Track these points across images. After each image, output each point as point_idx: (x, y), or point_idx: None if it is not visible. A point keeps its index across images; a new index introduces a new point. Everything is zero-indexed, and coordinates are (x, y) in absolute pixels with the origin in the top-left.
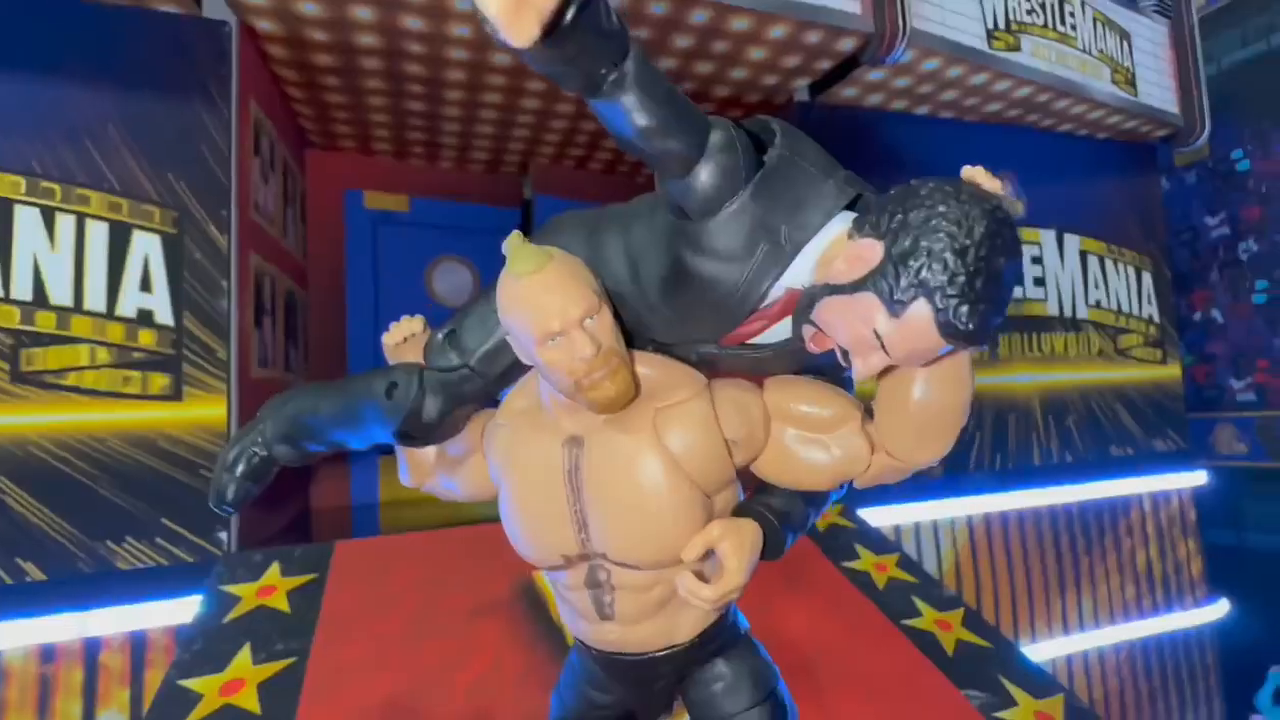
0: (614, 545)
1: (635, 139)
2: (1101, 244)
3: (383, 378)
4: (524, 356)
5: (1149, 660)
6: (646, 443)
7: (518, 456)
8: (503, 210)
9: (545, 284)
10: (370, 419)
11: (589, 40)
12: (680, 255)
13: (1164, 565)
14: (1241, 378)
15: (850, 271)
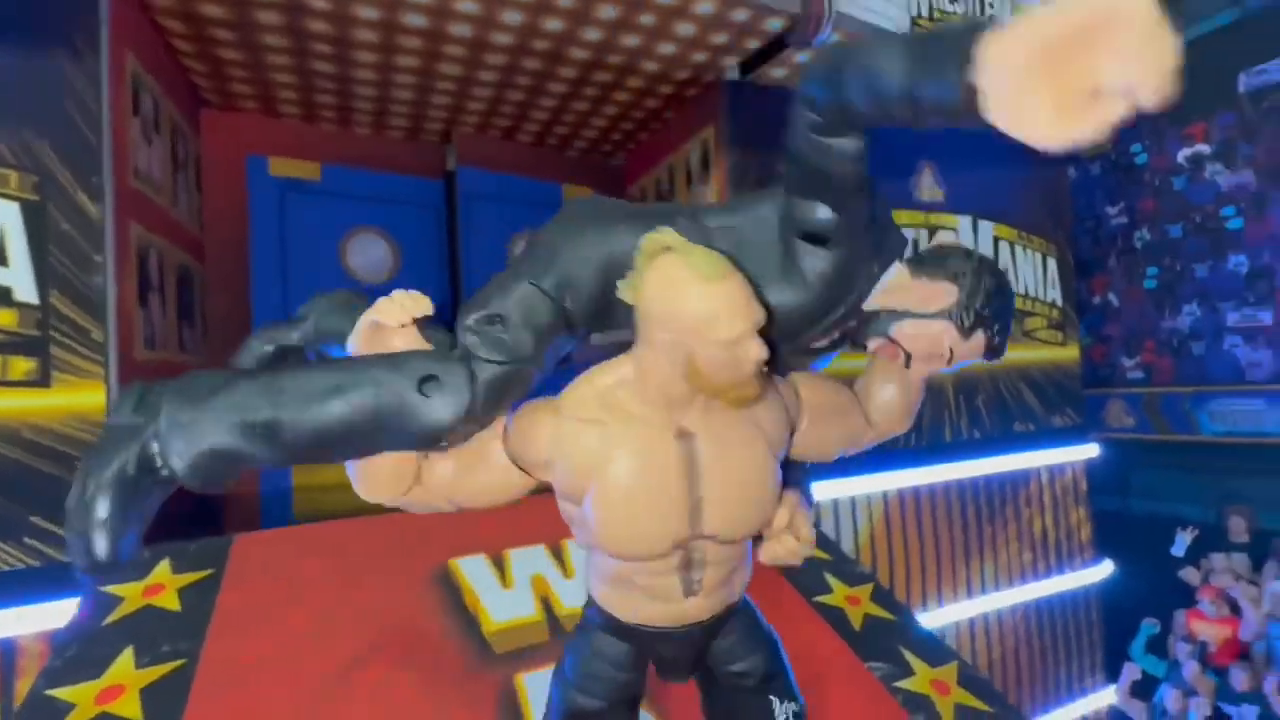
0: (727, 525)
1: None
2: (1013, 230)
3: (405, 368)
4: (668, 351)
5: (1040, 619)
6: (755, 431)
7: (621, 454)
8: (423, 180)
9: (731, 292)
10: (391, 425)
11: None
12: (801, 268)
13: (1057, 531)
14: (1132, 357)
15: (928, 305)
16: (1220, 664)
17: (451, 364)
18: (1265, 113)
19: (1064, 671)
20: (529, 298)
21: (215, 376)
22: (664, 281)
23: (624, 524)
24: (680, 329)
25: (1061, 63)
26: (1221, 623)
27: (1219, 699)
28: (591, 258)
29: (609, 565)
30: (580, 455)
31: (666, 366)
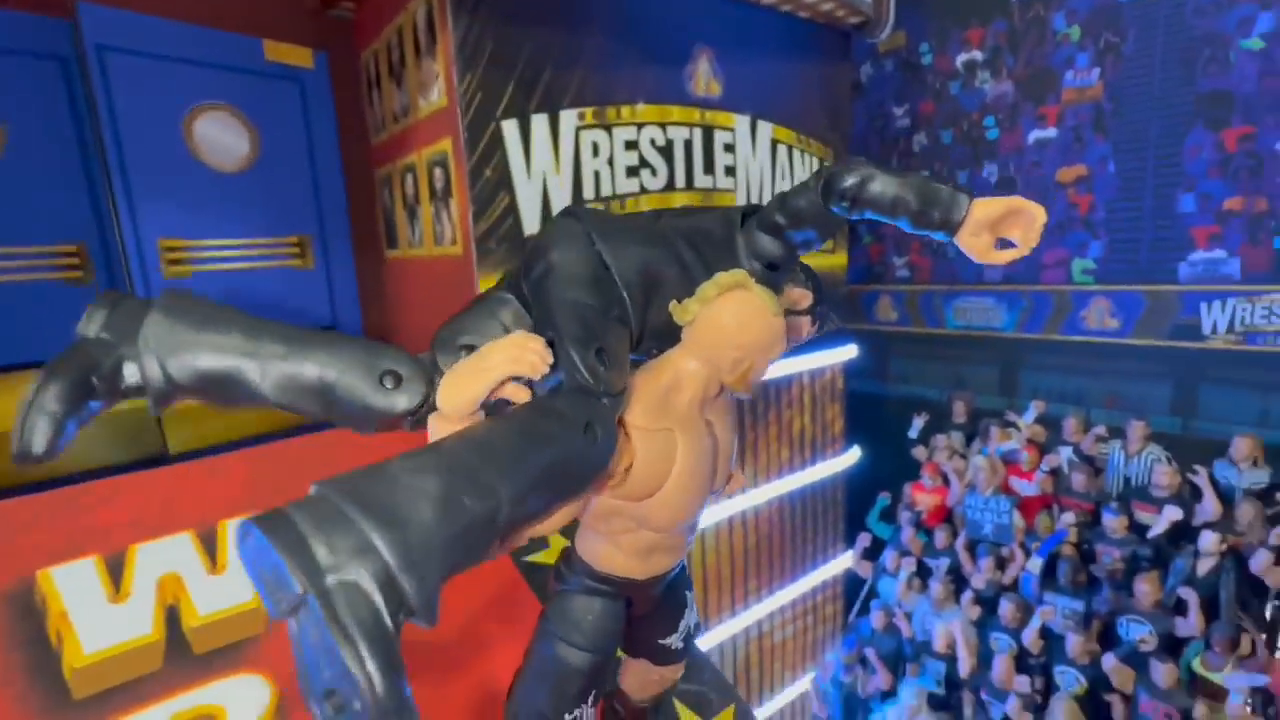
0: (721, 482)
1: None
2: (792, 133)
3: (570, 419)
4: (729, 363)
5: (794, 506)
6: (732, 406)
7: (690, 444)
8: (41, 18)
9: (783, 323)
10: (572, 476)
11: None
12: (760, 278)
13: (814, 428)
14: (902, 256)
15: (800, 304)
16: (930, 526)
17: (590, 404)
18: (1029, 23)
19: (811, 546)
20: (612, 324)
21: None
22: (744, 310)
23: (686, 504)
24: (750, 347)
25: (1000, 220)
26: (935, 492)
27: (925, 555)
28: (636, 273)
29: (644, 538)
30: (659, 459)
31: (719, 374)
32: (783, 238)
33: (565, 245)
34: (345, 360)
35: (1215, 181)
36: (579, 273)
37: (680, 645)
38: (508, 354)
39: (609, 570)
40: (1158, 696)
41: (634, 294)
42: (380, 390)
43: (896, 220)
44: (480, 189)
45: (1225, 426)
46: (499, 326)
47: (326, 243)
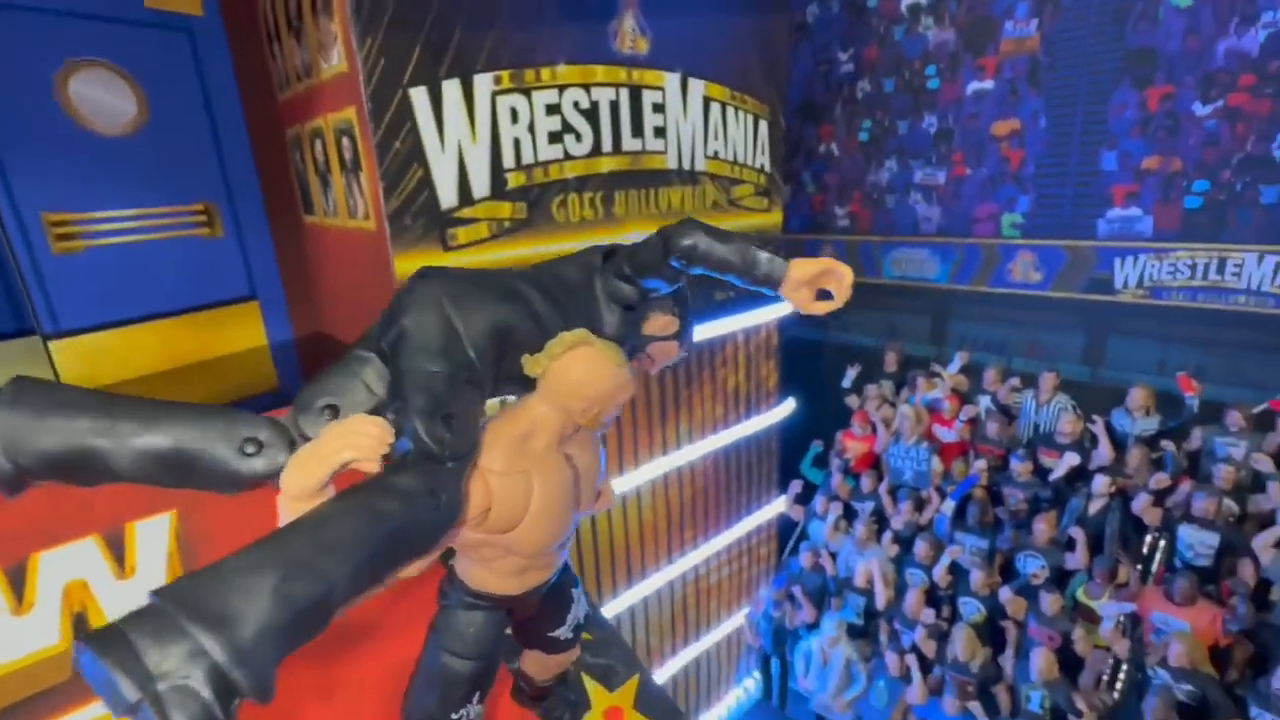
0: (587, 506)
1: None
2: (725, 90)
3: (411, 493)
4: (579, 410)
5: (729, 459)
6: (594, 439)
7: (545, 490)
8: None
9: (628, 372)
10: (415, 542)
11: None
12: (616, 320)
13: (749, 384)
14: (843, 206)
15: (667, 330)
16: (858, 472)
17: (433, 474)
18: None
19: (745, 496)
20: (461, 388)
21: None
22: (588, 366)
23: (548, 533)
24: (597, 398)
25: (815, 278)
26: (864, 440)
27: (852, 499)
28: (485, 333)
29: (513, 562)
30: (517, 501)
31: (572, 420)
32: (634, 284)
33: (418, 311)
34: (204, 430)
35: (1136, 140)
36: (429, 339)
37: (570, 635)
38: (343, 441)
39: (485, 589)
40: (1044, 623)
41: (483, 354)
42: (242, 457)
43: (726, 277)
44: (391, 162)
45: (1129, 375)
46: (361, 387)
47: (236, 209)
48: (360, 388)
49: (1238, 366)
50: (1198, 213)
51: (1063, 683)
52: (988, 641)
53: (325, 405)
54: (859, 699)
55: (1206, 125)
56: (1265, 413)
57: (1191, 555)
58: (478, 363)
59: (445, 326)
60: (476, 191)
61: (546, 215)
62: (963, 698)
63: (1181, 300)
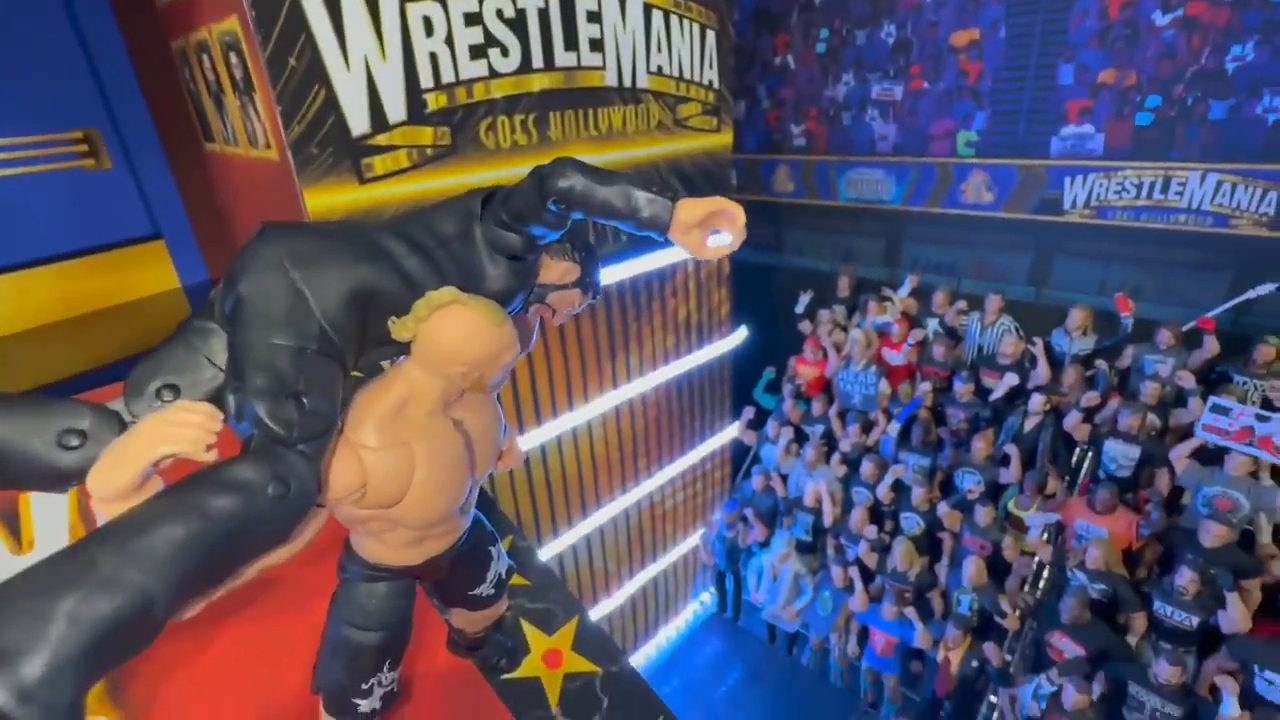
0: (484, 471)
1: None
2: None
3: (250, 486)
4: (459, 376)
5: (681, 389)
6: (488, 399)
7: (429, 460)
8: None
9: (510, 329)
10: (261, 537)
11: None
12: (502, 270)
13: (700, 314)
14: (799, 124)
15: (567, 278)
16: (809, 396)
17: (280, 460)
18: None
19: (699, 424)
20: (310, 361)
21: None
22: (461, 327)
23: (439, 503)
24: (476, 361)
25: (705, 221)
26: (816, 365)
27: (803, 423)
28: (340, 297)
29: (405, 534)
30: (395, 476)
31: (454, 384)
32: (519, 232)
33: (255, 275)
34: (13, 424)
35: (1095, 51)
36: (270, 308)
37: (492, 591)
38: (161, 433)
39: (382, 561)
40: (977, 533)
41: (338, 323)
42: (60, 451)
43: (610, 221)
44: (286, 82)
45: (1071, 295)
46: (204, 363)
47: (123, 136)
48: (203, 364)
49: (1173, 285)
50: (1148, 129)
51: (990, 587)
52: (925, 552)
53: (163, 385)
54: (806, 609)
55: (1164, 36)
56: (1194, 330)
57: (1115, 468)
58: (331, 332)
59: (289, 292)
60: (392, 115)
61: (474, 141)
62: (900, 604)
63: (1125, 220)
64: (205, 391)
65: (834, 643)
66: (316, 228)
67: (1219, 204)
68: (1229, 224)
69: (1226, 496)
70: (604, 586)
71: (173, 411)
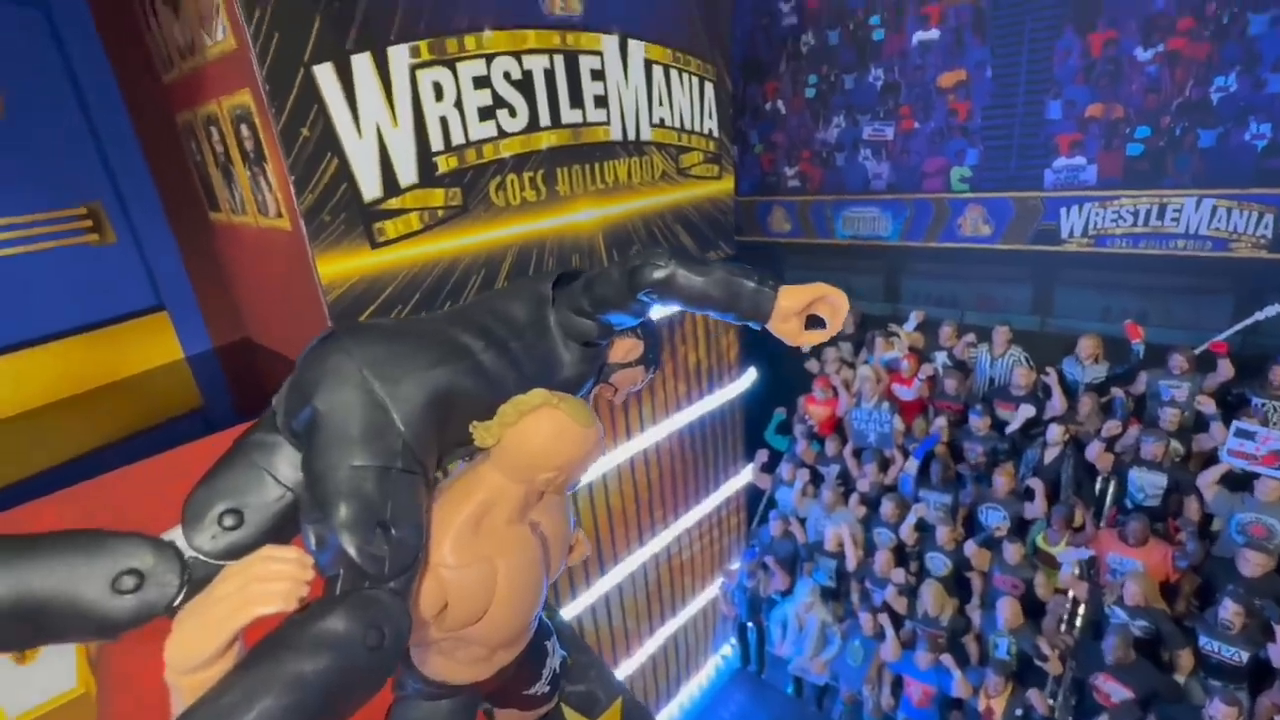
0: (555, 571)
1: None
2: (667, 51)
3: (345, 641)
4: (544, 480)
5: (694, 435)
6: (564, 506)
7: (510, 574)
8: None
9: (598, 431)
10: (358, 691)
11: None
12: (576, 358)
13: (710, 359)
14: (792, 166)
15: (630, 355)
16: (822, 436)
17: (375, 605)
18: None
19: (712, 469)
20: (395, 483)
21: None
22: (552, 431)
23: (520, 614)
24: (566, 465)
25: (805, 309)
26: (826, 404)
27: (818, 464)
28: (421, 406)
29: (477, 649)
30: (477, 594)
31: (536, 489)
32: (595, 320)
33: (332, 389)
34: (61, 571)
35: (1080, 88)
36: (350, 426)
37: (547, 689)
38: (249, 592)
39: (448, 680)
40: (1007, 571)
41: (421, 433)
42: (116, 596)
43: (702, 310)
44: (299, 152)
45: (1076, 323)
46: (268, 481)
47: (127, 209)
48: (267, 482)
49: (1177, 310)
50: (1139, 159)
51: (1027, 628)
52: (955, 594)
53: (225, 511)
54: (835, 659)
55: (1148, 70)
56: (1206, 354)
57: (1142, 497)
58: (415, 446)
59: (370, 406)
60: (403, 179)
61: (484, 200)
62: (934, 650)
63: (1124, 248)
64: (273, 514)
65: (867, 695)
66: (388, 327)
67: (1216, 228)
68: (1228, 247)
69: (1260, 523)
70: (624, 646)
71: (259, 564)
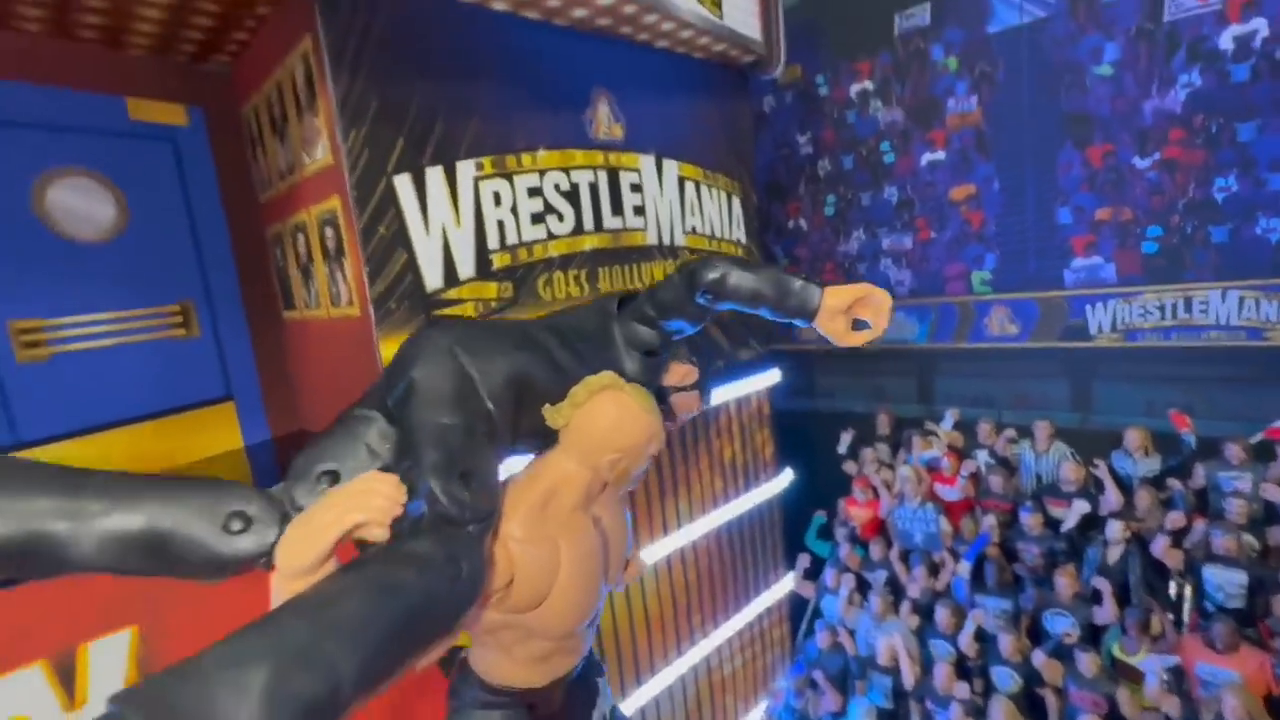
0: (615, 576)
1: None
2: (698, 170)
3: (430, 560)
4: (608, 465)
5: (732, 535)
6: (623, 497)
7: (572, 557)
8: None
9: (659, 419)
10: (436, 621)
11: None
12: (639, 367)
13: (745, 455)
14: (817, 276)
15: (687, 380)
16: (865, 540)
17: (456, 542)
18: (911, 54)
19: (752, 574)
20: (478, 443)
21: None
22: (617, 412)
23: (577, 608)
24: (628, 448)
25: (850, 307)
26: (867, 506)
27: (863, 569)
28: (503, 381)
29: (537, 646)
30: (544, 572)
31: (600, 475)
32: (656, 327)
33: (428, 361)
34: (181, 506)
35: (1086, 195)
36: (442, 390)
37: None
38: (352, 502)
39: (506, 682)
40: (1085, 686)
41: (502, 405)
42: (225, 535)
43: (757, 310)
44: (374, 247)
45: (1118, 419)
46: (363, 449)
47: (214, 308)
48: (363, 450)
49: (1222, 400)
50: (1156, 256)
51: None
52: (1028, 712)
53: (323, 472)
54: None
55: (1148, 176)
56: (1263, 443)
57: (1222, 597)
58: (496, 415)
59: (459, 375)
60: (462, 273)
61: (532, 293)
62: None
63: (1156, 340)
64: None
65: None
66: (478, 321)
67: (1248, 318)
68: (1263, 336)
69: None
70: None
71: (360, 482)
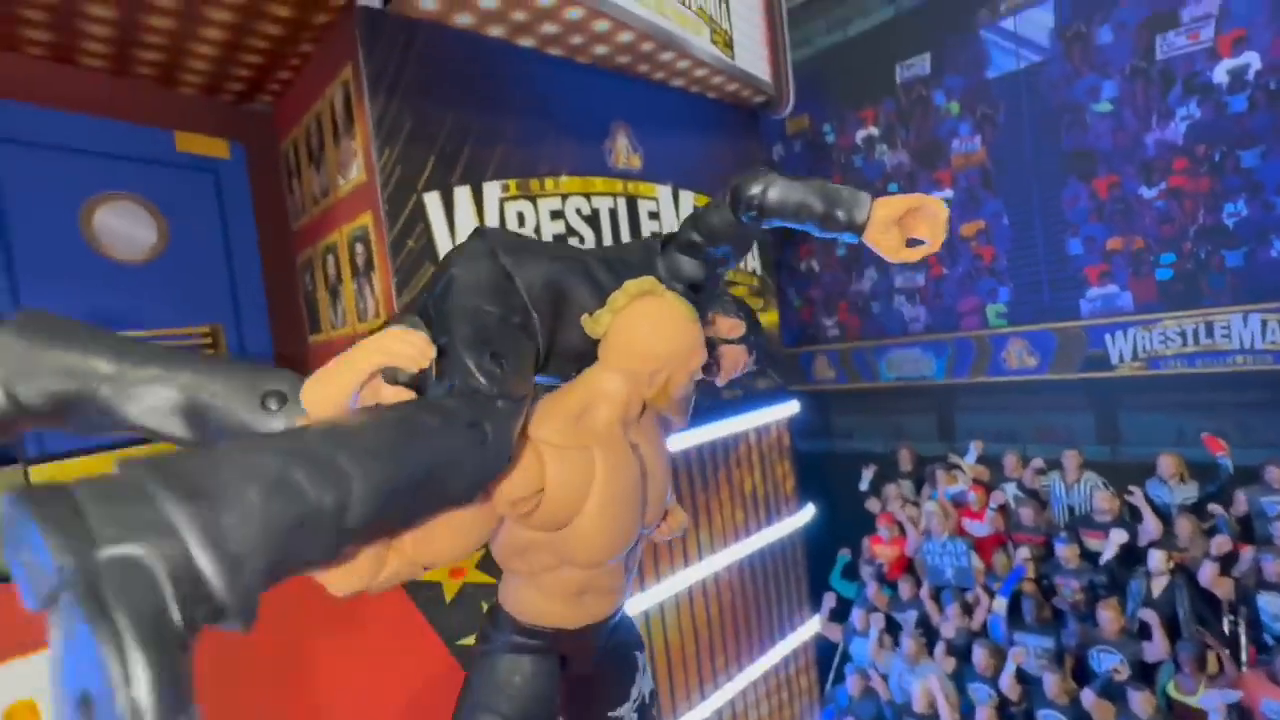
0: (655, 513)
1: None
2: None
3: (454, 413)
4: (647, 377)
5: (753, 569)
6: (660, 429)
7: (612, 465)
8: None
9: (700, 331)
10: (452, 481)
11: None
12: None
13: (766, 486)
14: (830, 316)
15: (733, 334)
16: (893, 579)
17: (482, 406)
18: (914, 101)
19: (776, 613)
20: (512, 331)
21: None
22: (656, 317)
23: (611, 533)
24: (668, 356)
25: (903, 218)
26: (893, 543)
27: (892, 609)
28: (541, 284)
29: (570, 577)
30: (576, 481)
31: (639, 389)
32: (701, 256)
33: (468, 259)
34: (223, 380)
35: (1096, 225)
36: (480, 283)
37: (635, 717)
38: (378, 344)
39: (536, 620)
40: None
41: (540, 306)
42: (261, 412)
43: (804, 225)
44: (403, 260)
45: (1149, 449)
46: None
47: (242, 331)
48: None
49: (1255, 425)
50: (1172, 282)
51: None
52: None
53: None
54: None
55: (1156, 205)
56: None
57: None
58: (533, 313)
59: (497, 271)
60: None
61: None
62: None
63: (1180, 368)
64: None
65: None
66: (521, 234)
67: (1272, 341)
68: None
69: None
70: None
71: (393, 330)
